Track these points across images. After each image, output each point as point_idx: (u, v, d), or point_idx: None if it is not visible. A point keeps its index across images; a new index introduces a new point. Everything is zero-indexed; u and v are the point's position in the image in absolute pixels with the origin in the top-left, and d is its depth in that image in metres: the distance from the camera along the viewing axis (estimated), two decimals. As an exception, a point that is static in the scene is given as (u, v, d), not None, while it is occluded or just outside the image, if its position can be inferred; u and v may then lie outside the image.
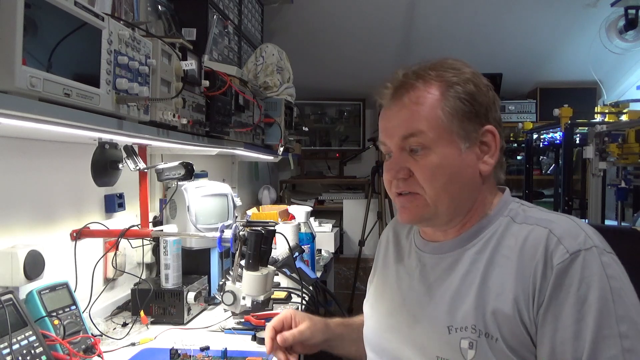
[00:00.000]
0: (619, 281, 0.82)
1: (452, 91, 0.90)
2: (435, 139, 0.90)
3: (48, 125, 0.90)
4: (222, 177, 2.78)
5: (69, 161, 1.45)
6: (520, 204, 0.97)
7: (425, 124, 0.90)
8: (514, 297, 0.84)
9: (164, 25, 1.98)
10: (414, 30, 3.64)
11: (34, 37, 0.78)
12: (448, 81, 0.91)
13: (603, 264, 0.82)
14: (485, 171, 0.93)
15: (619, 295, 0.80)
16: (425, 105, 0.91)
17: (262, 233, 1.30)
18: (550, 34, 3.66)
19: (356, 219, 3.93)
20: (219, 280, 1.70)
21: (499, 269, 0.88)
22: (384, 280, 1.09)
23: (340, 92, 4.28)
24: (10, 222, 1.24)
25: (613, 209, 3.13)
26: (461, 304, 0.89)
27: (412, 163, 0.92)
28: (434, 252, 0.99)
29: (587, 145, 2.75)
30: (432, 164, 0.90)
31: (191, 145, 1.54)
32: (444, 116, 0.90)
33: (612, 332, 0.78)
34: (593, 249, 0.82)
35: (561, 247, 0.83)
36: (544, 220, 0.89)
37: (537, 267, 0.84)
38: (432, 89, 0.91)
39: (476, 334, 0.85)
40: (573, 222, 0.88)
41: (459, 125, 0.90)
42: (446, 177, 0.90)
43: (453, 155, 0.91)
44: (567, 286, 0.81)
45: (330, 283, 3.58)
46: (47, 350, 1.07)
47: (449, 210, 0.93)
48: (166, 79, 1.26)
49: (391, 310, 1.02)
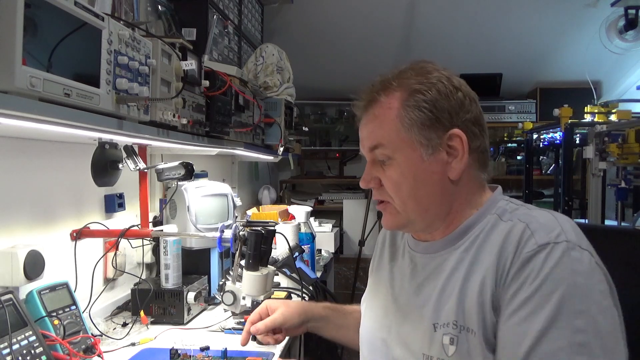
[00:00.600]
0: (585, 278, 0.80)
1: (412, 100, 0.92)
2: (395, 149, 0.93)
3: (48, 125, 0.90)
4: (222, 177, 2.78)
5: (69, 161, 1.45)
6: (508, 201, 0.96)
7: (386, 137, 0.93)
8: (490, 290, 0.84)
9: (164, 25, 1.98)
10: (414, 30, 3.65)
11: (34, 37, 0.78)
12: (410, 89, 0.92)
13: (572, 258, 0.81)
14: (453, 176, 0.93)
15: (581, 291, 0.79)
16: (385, 117, 0.94)
17: (262, 233, 1.30)
18: (550, 33, 3.66)
19: (356, 219, 3.93)
20: (219, 280, 1.70)
21: (481, 264, 0.88)
22: (379, 279, 1.11)
23: (340, 92, 4.27)
24: (10, 222, 1.24)
25: (613, 209, 3.13)
26: (446, 302, 0.90)
27: (381, 173, 0.96)
28: (424, 252, 0.99)
29: (587, 145, 2.75)
30: (396, 174, 0.93)
31: (191, 145, 1.54)
32: (402, 127, 0.92)
33: (563, 324, 0.77)
34: (563, 243, 0.82)
35: (532, 240, 0.83)
36: (525, 216, 0.89)
37: (508, 258, 0.84)
38: (393, 101, 0.93)
39: (457, 330, 0.87)
40: (552, 217, 0.88)
41: (419, 134, 0.91)
42: (409, 185, 0.92)
43: (415, 164, 0.92)
44: (525, 276, 0.81)
45: (330, 283, 3.57)
46: (47, 350, 1.07)
47: (421, 217, 0.94)
48: (166, 79, 1.26)
49: (384, 310, 1.04)
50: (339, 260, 3.84)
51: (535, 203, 3.84)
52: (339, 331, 1.24)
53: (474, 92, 0.97)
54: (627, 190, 2.97)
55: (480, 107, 0.96)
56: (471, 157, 0.93)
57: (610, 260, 0.96)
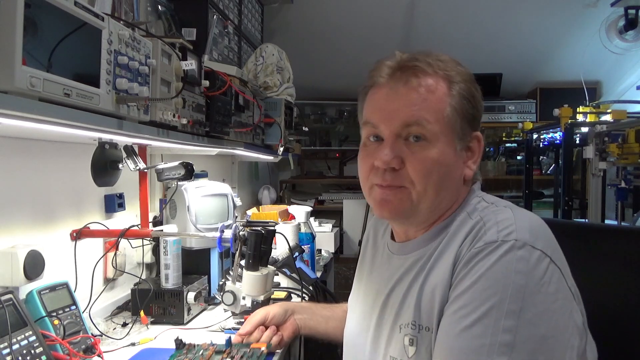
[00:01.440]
0: (526, 278, 0.76)
1: (457, 88, 0.87)
2: (438, 132, 0.85)
3: (48, 125, 0.90)
4: (222, 177, 2.78)
5: (69, 161, 1.45)
6: (481, 198, 0.92)
7: (433, 115, 0.85)
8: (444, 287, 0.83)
9: (164, 25, 1.98)
10: (414, 30, 3.65)
11: (34, 37, 0.78)
12: (450, 78, 0.87)
13: (515, 257, 0.77)
14: (468, 176, 0.91)
15: (517, 291, 0.75)
16: (436, 94, 0.85)
17: (262, 233, 1.30)
18: (550, 34, 3.66)
19: (356, 219, 3.93)
20: (219, 280, 1.70)
21: (442, 262, 0.86)
22: (359, 281, 1.11)
23: (340, 92, 4.27)
24: (10, 222, 1.24)
25: (613, 209, 3.13)
26: (409, 302, 0.88)
27: (407, 154, 0.85)
28: (399, 253, 0.97)
29: (587, 145, 2.75)
30: (430, 158, 0.85)
31: (191, 145, 1.54)
32: (450, 111, 0.86)
33: (491, 322, 0.74)
34: (510, 242, 0.78)
35: (483, 238, 0.81)
36: (489, 214, 0.86)
37: (460, 255, 0.83)
38: (440, 81, 0.86)
39: (416, 330, 0.85)
40: (512, 214, 0.84)
41: (460, 125, 0.87)
42: (440, 174, 0.86)
43: (450, 154, 0.87)
44: (466, 272, 0.80)
45: (330, 283, 3.57)
46: (47, 350, 1.07)
47: (429, 209, 0.89)
48: (166, 79, 1.26)
49: (364, 313, 1.03)
50: (339, 260, 3.84)
51: (535, 203, 3.85)
52: (328, 323, 1.25)
53: None
54: (627, 190, 2.97)
55: None
56: None
57: (610, 260, 0.96)
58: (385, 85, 0.88)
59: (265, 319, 1.23)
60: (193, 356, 1.20)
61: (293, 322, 1.25)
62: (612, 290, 0.88)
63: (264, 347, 1.20)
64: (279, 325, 1.24)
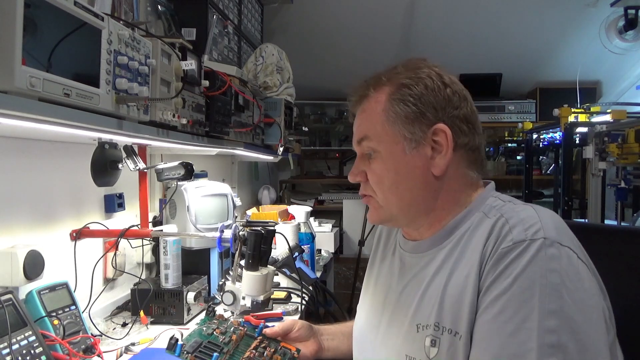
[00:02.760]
0: (561, 276, 0.76)
1: (398, 94, 0.92)
2: (380, 142, 0.93)
3: (48, 125, 0.90)
4: (222, 177, 2.78)
5: (69, 161, 1.45)
6: (497, 198, 0.93)
7: (371, 129, 0.94)
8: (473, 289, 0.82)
9: (164, 25, 1.98)
10: (414, 30, 3.65)
11: (33, 37, 0.78)
12: (397, 84, 0.93)
13: (547, 256, 0.77)
14: (437, 172, 0.91)
15: (555, 290, 0.76)
16: (372, 111, 0.95)
17: (262, 233, 1.30)
18: (550, 34, 3.66)
19: (356, 219, 3.93)
20: (219, 280, 1.70)
21: (464, 263, 0.86)
22: (370, 277, 1.11)
23: (340, 92, 4.27)
24: (10, 222, 1.24)
25: (613, 209, 3.13)
26: (428, 302, 0.88)
27: (366, 166, 0.96)
28: (412, 251, 0.99)
29: (587, 145, 2.75)
30: (379, 167, 0.94)
31: (191, 145, 1.54)
32: (387, 119, 0.92)
33: (534, 325, 0.74)
34: (540, 240, 0.78)
35: (509, 236, 0.81)
36: (509, 211, 0.86)
37: (486, 255, 0.82)
38: (381, 95, 0.94)
39: (439, 331, 0.85)
40: (534, 212, 0.84)
41: (403, 127, 0.91)
42: (391, 179, 0.93)
43: (397, 157, 0.92)
44: (498, 273, 0.79)
45: (330, 283, 3.58)
46: (47, 351, 1.07)
47: (402, 212, 0.94)
48: (166, 79, 1.26)
49: (373, 310, 1.04)
50: (338, 260, 3.85)
51: (535, 203, 3.85)
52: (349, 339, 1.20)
53: (467, 91, 0.96)
54: (627, 190, 2.97)
55: (473, 106, 0.95)
56: (458, 154, 0.92)
57: (610, 260, 0.96)
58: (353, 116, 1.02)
59: (293, 328, 1.21)
60: (224, 329, 1.18)
61: (317, 341, 1.23)
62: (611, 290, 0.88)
63: (294, 350, 1.17)
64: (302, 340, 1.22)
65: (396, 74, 0.95)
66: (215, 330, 1.18)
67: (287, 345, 1.19)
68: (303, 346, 1.21)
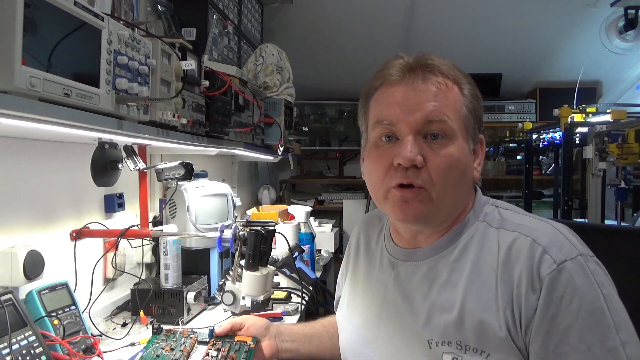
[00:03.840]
0: (608, 287, 0.78)
1: (466, 90, 0.87)
2: (457, 130, 0.84)
3: (48, 125, 0.90)
4: (222, 177, 2.78)
5: (69, 161, 1.45)
6: (495, 206, 0.92)
7: (453, 112, 0.84)
8: (501, 311, 0.79)
9: (164, 25, 1.98)
10: (414, 30, 3.65)
11: (33, 37, 0.78)
12: (459, 81, 0.87)
13: (591, 271, 0.78)
14: (476, 178, 0.91)
15: (611, 302, 0.77)
16: (453, 92, 0.85)
17: (262, 233, 1.30)
18: (550, 33, 3.66)
19: (356, 219, 3.91)
20: (219, 280, 1.70)
21: (483, 280, 0.83)
22: (355, 288, 1.05)
23: (340, 92, 4.28)
24: (10, 222, 1.24)
25: (613, 209, 3.13)
26: (441, 317, 0.84)
27: (427, 151, 0.82)
28: (407, 260, 0.93)
29: (587, 145, 2.75)
30: (451, 156, 0.83)
31: (191, 145, 1.54)
32: (466, 110, 0.86)
33: (615, 342, 0.75)
34: (579, 258, 0.78)
35: (547, 258, 0.78)
36: (525, 227, 0.84)
37: (522, 278, 0.79)
38: (449, 82, 0.86)
39: (462, 350, 0.81)
40: (555, 229, 0.83)
41: (472, 125, 0.87)
42: (459, 173, 0.84)
43: (466, 153, 0.86)
44: (557, 300, 0.77)
45: (330, 283, 3.57)
46: (47, 351, 1.07)
47: (448, 210, 0.87)
48: (166, 79, 1.26)
49: (367, 323, 0.97)
50: (338, 260, 3.82)
51: (535, 203, 3.85)
52: (311, 342, 1.17)
53: None
54: (627, 190, 2.98)
55: None
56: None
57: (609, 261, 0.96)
58: (399, 82, 0.85)
59: (244, 324, 1.16)
60: (174, 344, 1.15)
61: (273, 343, 1.15)
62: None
63: (250, 340, 1.12)
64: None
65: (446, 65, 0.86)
66: (164, 348, 1.16)
67: (241, 338, 1.13)
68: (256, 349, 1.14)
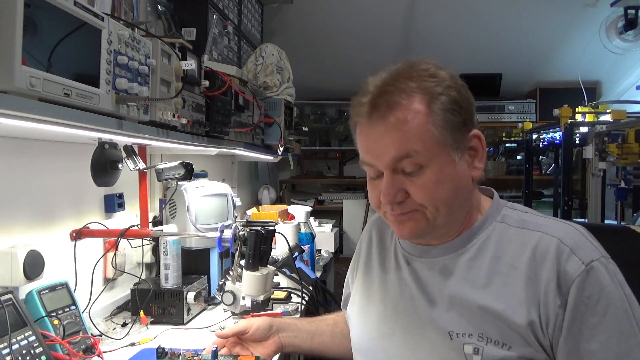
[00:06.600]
0: (627, 286, 0.83)
1: (438, 103, 0.85)
2: (431, 157, 0.85)
3: (48, 125, 0.90)
4: (222, 177, 2.78)
5: (69, 161, 1.45)
6: (513, 209, 0.95)
7: (420, 144, 0.84)
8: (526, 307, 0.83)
9: (164, 25, 1.98)
10: (414, 30, 3.65)
11: (33, 37, 0.78)
12: (431, 92, 0.85)
13: (611, 272, 0.82)
14: (476, 176, 0.92)
15: (632, 301, 0.82)
16: (415, 123, 0.84)
17: (262, 233, 1.30)
18: (550, 33, 3.66)
19: (356, 219, 3.93)
20: (219, 280, 1.70)
21: (505, 277, 0.86)
22: (369, 284, 1.06)
23: (340, 92, 4.27)
24: (10, 222, 1.24)
25: (613, 209, 3.13)
26: (462, 310, 0.87)
27: (408, 184, 0.87)
28: (423, 256, 0.96)
29: (587, 145, 2.75)
30: (430, 182, 0.86)
31: (191, 145, 1.54)
32: (436, 131, 0.85)
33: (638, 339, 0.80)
34: (602, 259, 0.83)
35: (575, 259, 0.82)
36: (548, 228, 0.88)
37: (550, 278, 0.83)
38: (417, 104, 0.85)
39: (483, 342, 0.84)
40: (577, 230, 0.88)
41: (451, 138, 0.86)
42: (446, 191, 0.87)
43: (449, 169, 0.87)
44: (586, 299, 0.80)
45: (330, 283, 3.57)
46: (47, 351, 1.07)
47: (447, 222, 0.90)
48: (166, 79, 1.26)
49: (382, 317, 1.00)
50: (338, 260, 3.84)
51: (535, 203, 3.85)
52: (313, 339, 1.19)
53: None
54: (627, 190, 2.98)
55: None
56: None
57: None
58: (366, 125, 0.89)
59: (247, 330, 1.16)
60: None
61: (277, 339, 1.18)
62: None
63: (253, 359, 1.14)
64: (261, 340, 1.17)
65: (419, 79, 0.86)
66: None
67: (244, 358, 1.15)
68: (262, 347, 1.16)
